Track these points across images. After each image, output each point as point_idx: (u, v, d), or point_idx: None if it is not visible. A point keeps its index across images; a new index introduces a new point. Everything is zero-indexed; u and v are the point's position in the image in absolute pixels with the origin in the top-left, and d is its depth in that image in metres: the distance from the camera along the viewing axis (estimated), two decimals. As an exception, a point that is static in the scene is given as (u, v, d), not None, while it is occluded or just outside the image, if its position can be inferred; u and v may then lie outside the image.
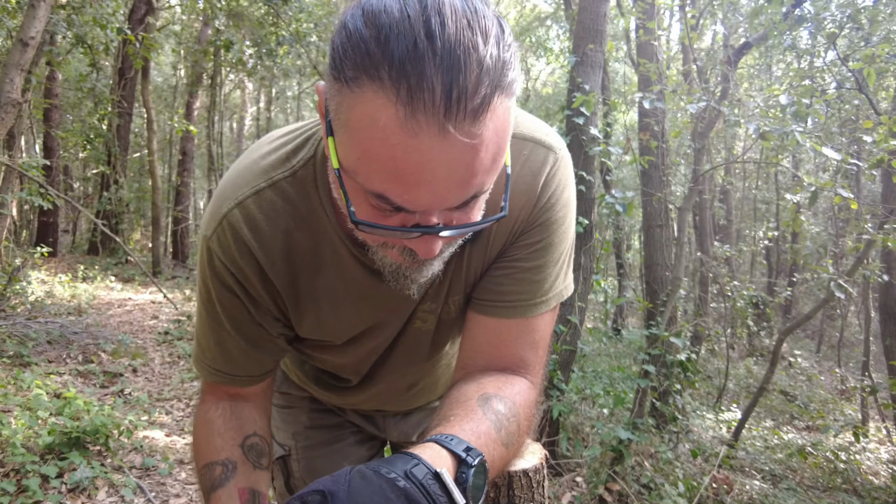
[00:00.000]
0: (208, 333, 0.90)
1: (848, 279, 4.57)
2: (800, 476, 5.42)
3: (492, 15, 0.57)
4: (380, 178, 0.58)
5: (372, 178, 0.59)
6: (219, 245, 0.81)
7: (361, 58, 0.55)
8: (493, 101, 0.56)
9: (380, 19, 0.54)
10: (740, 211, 14.30)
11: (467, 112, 0.54)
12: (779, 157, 5.89)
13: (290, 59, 10.76)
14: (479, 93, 0.54)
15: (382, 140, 0.55)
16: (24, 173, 5.82)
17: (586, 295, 4.42)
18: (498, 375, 0.85)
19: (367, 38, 0.54)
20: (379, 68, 0.53)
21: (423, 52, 0.52)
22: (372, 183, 0.59)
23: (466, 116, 0.54)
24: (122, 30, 7.08)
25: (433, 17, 0.53)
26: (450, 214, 0.63)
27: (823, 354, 12.30)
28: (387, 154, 0.56)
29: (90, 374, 4.81)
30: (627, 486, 3.50)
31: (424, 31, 0.52)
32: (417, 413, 1.29)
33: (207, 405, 0.96)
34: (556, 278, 0.89)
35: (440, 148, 0.55)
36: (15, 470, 2.88)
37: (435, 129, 0.54)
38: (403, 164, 0.56)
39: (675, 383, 4.28)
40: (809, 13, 5.49)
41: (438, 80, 0.52)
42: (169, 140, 15.77)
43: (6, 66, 4.31)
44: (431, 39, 0.52)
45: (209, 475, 0.90)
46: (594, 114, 4.03)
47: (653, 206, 5.82)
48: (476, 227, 0.66)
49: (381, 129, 0.55)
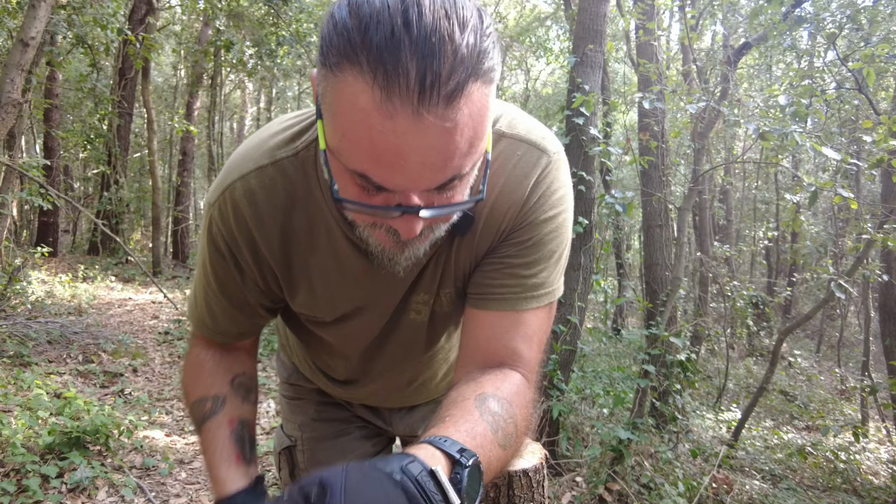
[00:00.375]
0: (200, 289, 0.97)
1: (847, 279, 4.57)
2: (800, 476, 5.42)
3: (471, 5, 0.60)
4: (360, 159, 0.62)
5: (353, 159, 0.62)
6: (219, 214, 0.87)
7: (344, 45, 0.58)
8: (468, 88, 0.59)
9: (362, 9, 0.58)
10: (740, 211, 14.30)
11: (441, 97, 0.57)
12: (778, 157, 5.89)
13: (290, 59, 10.76)
14: (452, 79, 0.57)
15: (361, 122, 0.59)
16: (24, 173, 5.82)
17: (586, 295, 4.42)
18: (495, 373, 0.85)
19: (350, 27, 0.58)
20: (359, 54, 0.57)
21: (400, 39, 0.55)
22: (353, 163, 0.63)
23: (440, 101, 0.57)
24: (122, 30, 7.08)
25: (411, 8, 0.56)
26: (430, 196, 0.66)
27: (823, 354, 12.30)
28: (365, 135, 0.59)
29: (90, 374, 4.81)
30: (627, 485, 3.50)
31: (402, 20, 0.56)
32: (423, 407, 1.31)
33: (198, 349, 1.03)
34: (549, 276, 0.90)
35: (415, 131, 0.58)
36: (15, 470, 2.88)
37: (409, 111, 0.57)
38: (380, 146, 0.59)
39: (674, 383, 4.28)
40: (809, 13, 5.49)
41: (413, 66, 0.56)
42: (169, 140, 15.77)
43: (7, 67, 4.31)
44: (408, 27, 0.55)
45: (200, 409, 0.97)
46: (594, 114, 4.04)
47: (652, 206, 5.82)
48: (454, 208, 0.68)
49: (359, 111, 0.59)
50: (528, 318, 0.89)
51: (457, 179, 0.65)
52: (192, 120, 13.21)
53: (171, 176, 15.04)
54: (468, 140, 0.62)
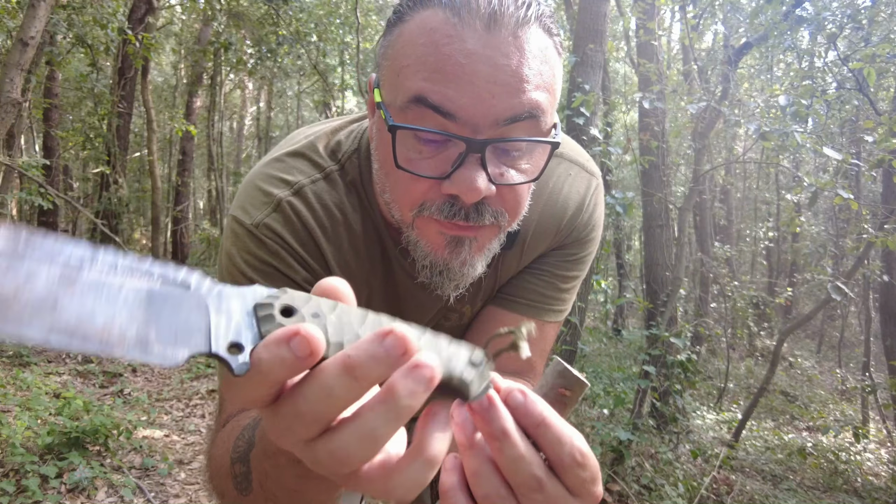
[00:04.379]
0: None
1: (845, 281, 4.56)
2: (800, 477, 5.41)
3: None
4: (422, 76, 0.61)
5: (413, 80, 0.62)
6: (268, 229, 0.78)
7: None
8: (534, 27, 0.63)
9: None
10: (741, 211, 14.28)
11: (510, 21, 0.61)
12: (779, 157, 5.88)
13: (290, 59, 10.75)
14: (520, 11, 0.62)
15: (428, 39, 0.61)
16: (23, 173, 5.81)
17: (586, 295, 4.41)
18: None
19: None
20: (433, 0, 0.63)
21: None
22: (413, 84, 0.62)
23: (510, 24, 0.61)
24: (122, 30, 7.07)
25: None
26: (496, 137, 0.64)
27: (824, 355, 12.28)
28: (431, 49, 0.61)
29: (90, 373, 4.80)
30: (627, 486, 3.49)
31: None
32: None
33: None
34: (572, 296, 0.93)
35: (484, 47, 0.60)
36: (14, 470, 2.87)
37: (479, 26, 0.60)
38: (447, 54, 0.60)
39: (675, 384, 4.27)
40: (809, 13, 5.48)
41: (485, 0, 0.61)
42: (169, 140, 15.76)
43: (6, 66, 4.30)
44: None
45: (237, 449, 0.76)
46: (594, 114, 4.03)
47: (653, 206, 5.81)
48: (524, 140, 0.65)
49: (428, 32, 0.61)
50: (547, 330, 0.90)
51: (523, 121, 0.63)
52: (192, 120, 13.19)
53: (171, 176, 15.02)
54: (537, 75, 0.62)
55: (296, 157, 0.82)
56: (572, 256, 0.90)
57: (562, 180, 0.87)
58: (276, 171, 0.81)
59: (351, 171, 0.82)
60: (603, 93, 5.23)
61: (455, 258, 0.70)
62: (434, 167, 0.64)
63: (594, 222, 0.91)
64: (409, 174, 0.64)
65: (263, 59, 9.96)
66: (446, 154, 0.64)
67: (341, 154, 0.83)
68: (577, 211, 0.88)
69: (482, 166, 0.62)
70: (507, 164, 0.65)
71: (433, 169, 0.64)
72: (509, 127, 0.62)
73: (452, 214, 0.66)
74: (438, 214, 0.67)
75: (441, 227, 0.68)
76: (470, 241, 0.69)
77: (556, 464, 0.44)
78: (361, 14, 9.20)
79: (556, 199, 0.86)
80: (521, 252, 0.88)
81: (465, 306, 0.93)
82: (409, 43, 0.62)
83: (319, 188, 0.80)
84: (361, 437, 0.37)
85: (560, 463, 0.44)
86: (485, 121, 0.61)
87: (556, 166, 0.87)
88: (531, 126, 0.64)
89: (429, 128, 0.62)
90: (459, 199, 0.65)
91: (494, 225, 0.69)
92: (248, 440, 0.66)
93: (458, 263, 0.71)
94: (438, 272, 0.73)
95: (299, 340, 0.35)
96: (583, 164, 0.90)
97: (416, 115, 0.61)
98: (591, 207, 0.90)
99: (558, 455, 0.44)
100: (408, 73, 0.62)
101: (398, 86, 0.63)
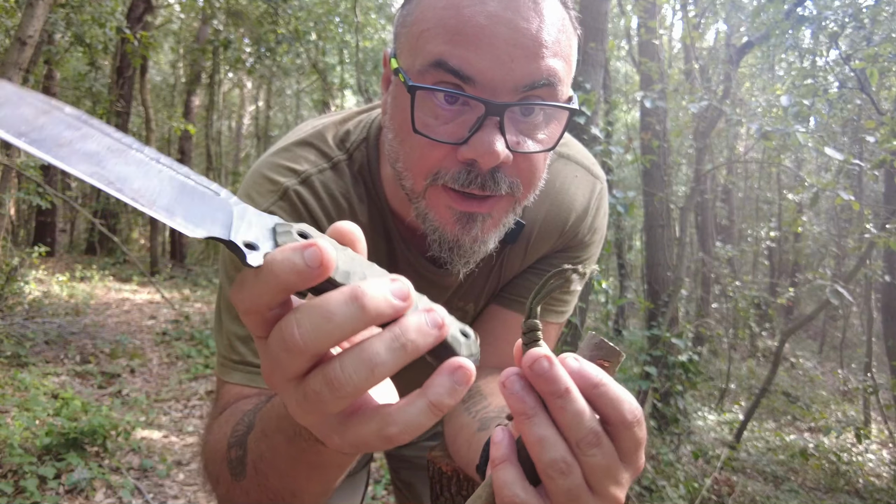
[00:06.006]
0: (235, 328, 0.80)
1: (844, 285, 4.54)
2: (802, 478, 5.39)
3: None
4: (442, 39, 0.62)
5: (434, 43, 0.62)
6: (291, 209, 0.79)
7: None
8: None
9: None
10: (742, 211, 14.26)
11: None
12: (781, 156, 5.87)
13: (289, 57, 10.74)
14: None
15: (449, 2, 0.62)
16: (22, 173, 5.79)
17: (587, 295, 4.39)
18: None
19: None
20: None
21: None
22: (433, 47, 0.62)
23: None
24: (120, 28, 7.04)
25: None
26: (514, 102, 0.63)
27: (825, 355, 12.27)
28: (452, 12, 0.61)
29: (88, 374, 4.78)
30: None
31: None
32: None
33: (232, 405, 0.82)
34: (574, 297, 0.94)
35: (505, 4, 0.61)
36: (13, 471, 2.86)
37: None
38: (468, 16, 0.61)
39: (676, 384, 4.25)
40: (811, 12, 5.46)
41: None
42: (167, 139, 15.73)
43: (4, 65, 4.28)
44: None
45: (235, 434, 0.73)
46: (595, 113, 4.01)
47: (654, 206, 5.80)
48: (543, 105, 0.66)
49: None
50: (549, 331, 0.90)
51: (541, 88, 0.63)
52: (191, 119, 13.17)
53: (171, 175, 15.00)
54: (555, 42, 0.63)
55: (304, 147, 0.82)
56: (575, 259, 0.90)
57: (568, 181, 0.88)
58: (284, 159, 0.81)
59: (359, 161, 0.82)
60: (604, 92, 5.21)
61: (466, 234, 0.70)
62: (451, 132, 0.64)
63: (597, 226, 0.92)
64: (425, 140, 0.64)
65: (262, 57, 9.94)
66: (464, 119, 0.64)
67: (350, 143, 0.83)
68: (581, 213, 0.89)
69: (500, 131, 0.63)
70: (524, 132, 0.66)
71: (450, 134, 0.64)
72: (527, 93, 0.63)
73: (469, 182, 0.66)
74: (453, 183, 0.66)
75: (452, 200, 0.68)
76: (483, 218, 0.69)
77: (615, 423, 0.46)
78: (361, 12, 9.18)
79: (561, 200, 0.87)
80: (525, 249, 0.88)
81: (469, 303, 0.93)
82: (429, 7, 0.63)
83: (327, 178, 0.80)
84: (362, 360, 0.38)
85: (621, 421, 0.45)
86: (504, 85, 0.62)
87: (563, 167, 0.88)
88: (549, 94, 0.65)
89: (450, 89, 0.63)
90: (476, 164, 0.65)
91: (510, 195, 0.69)
92: (248, 423, 0.66)
93: (469, 240, 0.70)
94: (448, 248, 0.72)
95: (313, 251, 0.36)
96: (588, 167, 0.91)
97: (435, 78, 0.62)
98: (595, 211, 0.91)
99: (619, 412, 0.45)
100: (427, 36, 0.62)
101: (418, 50, 0.63)
